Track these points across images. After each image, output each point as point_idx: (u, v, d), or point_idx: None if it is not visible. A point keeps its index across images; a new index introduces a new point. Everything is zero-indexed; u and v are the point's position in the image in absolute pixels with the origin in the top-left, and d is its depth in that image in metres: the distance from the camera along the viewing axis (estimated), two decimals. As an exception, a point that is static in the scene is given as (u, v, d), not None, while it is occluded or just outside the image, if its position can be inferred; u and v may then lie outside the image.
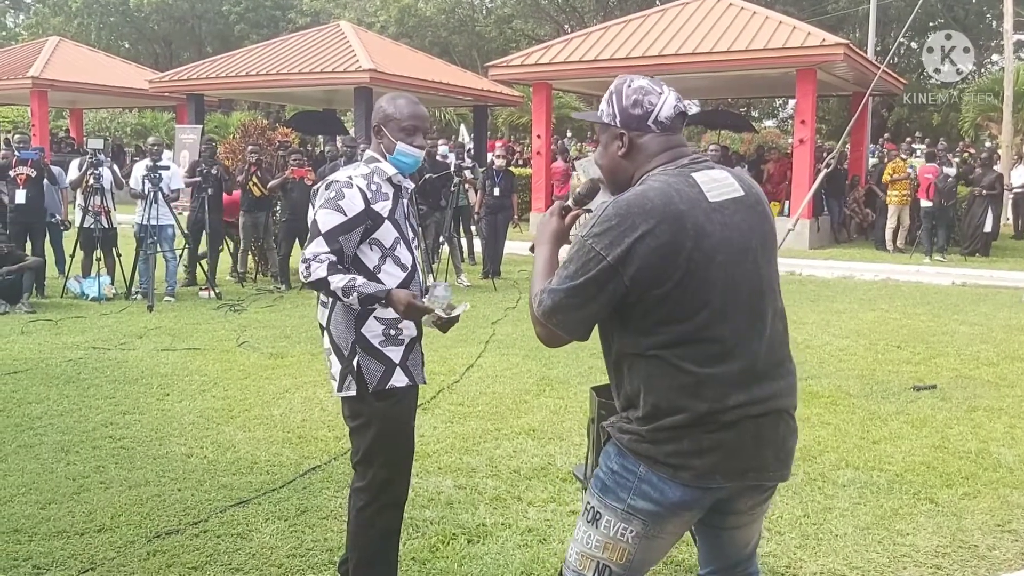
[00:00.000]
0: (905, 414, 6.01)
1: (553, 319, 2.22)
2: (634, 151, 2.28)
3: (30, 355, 7.45)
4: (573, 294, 2.16)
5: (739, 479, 2.23)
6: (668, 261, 2.11)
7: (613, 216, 2.14)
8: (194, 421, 5.70)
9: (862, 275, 13.29)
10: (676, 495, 2.20)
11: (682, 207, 2.13)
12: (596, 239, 2.14)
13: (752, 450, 2.21)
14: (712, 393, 2.16)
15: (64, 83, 23.97)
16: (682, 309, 2.14)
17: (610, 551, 2.27)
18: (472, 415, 5.87)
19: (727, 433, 2.18)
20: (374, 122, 3.19)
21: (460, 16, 40.44)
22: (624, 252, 2.11)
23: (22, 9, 50.58)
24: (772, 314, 2.27)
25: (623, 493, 2.24)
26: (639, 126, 2.27)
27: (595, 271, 2.13)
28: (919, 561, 3.86)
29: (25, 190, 10.44)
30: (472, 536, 4.01)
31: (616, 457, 2.28)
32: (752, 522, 2.43)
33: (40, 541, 3.91)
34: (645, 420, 2.21)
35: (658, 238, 2.10)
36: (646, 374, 2.20)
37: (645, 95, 2.28)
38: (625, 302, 2.17)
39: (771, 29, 16.63)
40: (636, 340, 2.21)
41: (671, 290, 2.12)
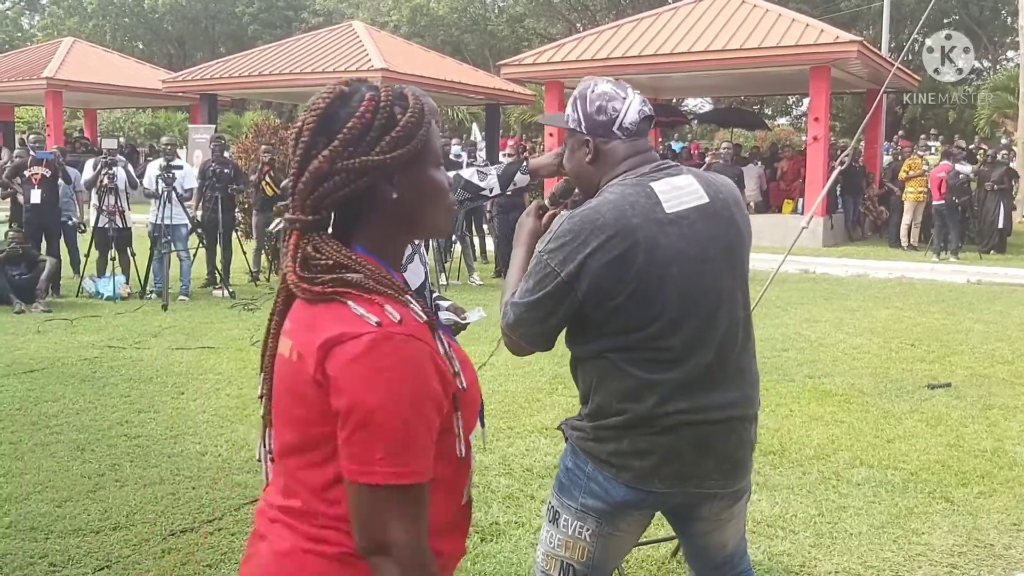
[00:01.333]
0: (919, 412, 5.98)
1: (515, 332, 2.27)
2: (600, 157, 2.27)
3: (46, 354, 7.50)
4: (532, 308, 2.19)
5: (680, 485, 2.22)
6: (619, 275, 2.12)
7: (567, 232, 2.15)
8: (208, 419, 5.73)
9: (876, 273, 13.23)
10: (620, 494, 2.21)
11: (635, 220, 2.12)
12: (551, 255, 2.16)
13: (692, 457, 2.20)
14: (653, 398, 2.16)
15: (78, 83, 24.12)
16: (633, 320, 2.15)
17: (571, 550, 2.30)
18: (485, 413, 5.86)
19: (665, 437, 2.17)
20: None
21: (472, 15, 40.46)
22: (576, 268, 2.12)
23: (37, 10, 50.92)
24: (729, 324, 2.23)
25: (576, 491, 2.27)
26: (604, 132, 2.25)
27: (550, 287, 2.15)
28: (934, 560, 3.84)
29: (40, 190, 10.50)
30: (485, 534, 4.01)
31: (570, 456, 2.31)
32: (720, 528, 2.40)
33: (56, 539, 3.94)
34: (590, 418, 2.25)
35: (608, 252, 2.11)
36: (594, 375, 2.23)
37: (609, 101, 2.25)
38: (580, 313, 2.18)
39: (784, 26, 16.57)
40: (587, 345, 2.23)
41: (623, 303, 2.13)
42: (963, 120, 31.15)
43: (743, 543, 2.53)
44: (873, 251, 16.06)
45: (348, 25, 23.95)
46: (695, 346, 2.18)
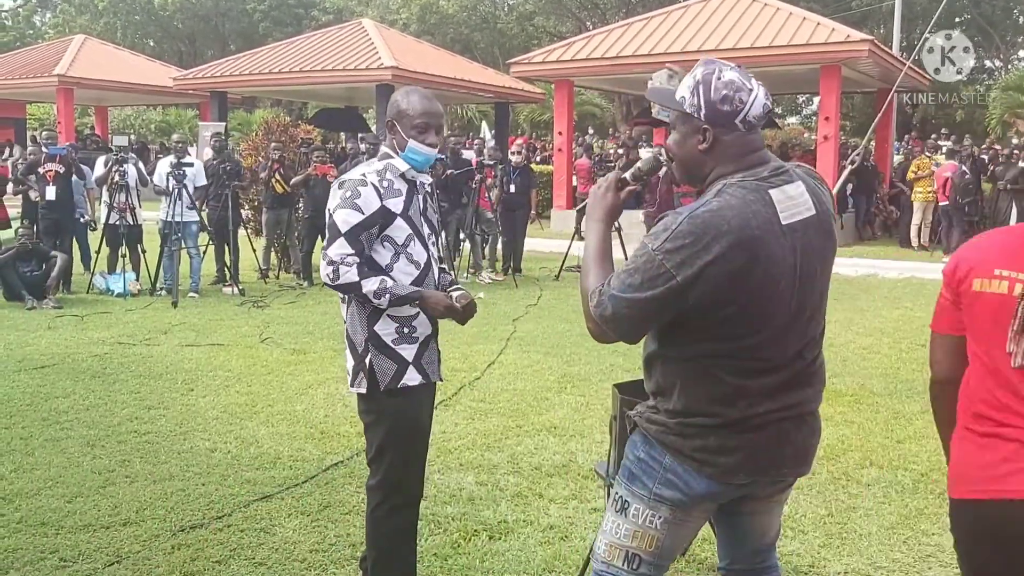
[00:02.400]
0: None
1: (611, 325, 2.17)
2: (716, 148, 2.17)
3: (57, 350, 7.53)
4: (636, 307, 2.11)
5: (761, 475, 2.27)
6: (736, 287, 2.08)
7: (688, 234, 2.06)
8: (218, 416, 5.74)
9: (886, 273, 13.18)
10: (701, 487, 2.23)
11: (757, 232, 2.07)
12: (668, 256, 2.06)
13: (774, 449, 2.24)
14: (745, 403, 2.18)
15: (90, 81, 24.21)
16: (739, 330, 2.14)
17: (639, 539, 2.29)
18: (493, 412, 5.88)
19: (752, 435, 2.20)
20: (388, 117, 3.14)
21: (482, 13, 40.47)
22: (695, 275, 2.05)
23: (48, 8, 51.11)
24: (817, 332, 2.29)
25: (649, 481, 2.27)
26: (725, 123, 2.15)
27: (662, 289, 2.07)
28: (944, 561, 3.82)
29: (55, 187, 10.55)
30: (494, 532, 4.01)
31: (643, 446, 2.30)
32: (769, 511, 2.44)
33: (66, 534, 3.96)
34: (674, 415, 2.23)
35: (730, 263, 2.05)
36: (683, 376, 2.21)
37: (736, 91, 2.14)
38: (683, 316, 2.15)
39: (795, 25, 16.53)
40: (679, 347, 2.21)
41: (732, 313, 2.11)
42: (974, 120, 31.02)
43: (776, 538, 2.55)
44: (883, 251, 16.00)
45: (358, 23, 23.98)
46: (789, 356, 2.20)
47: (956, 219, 15.01)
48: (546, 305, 10.04)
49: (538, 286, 11.56)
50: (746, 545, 2.50)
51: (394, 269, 3.07)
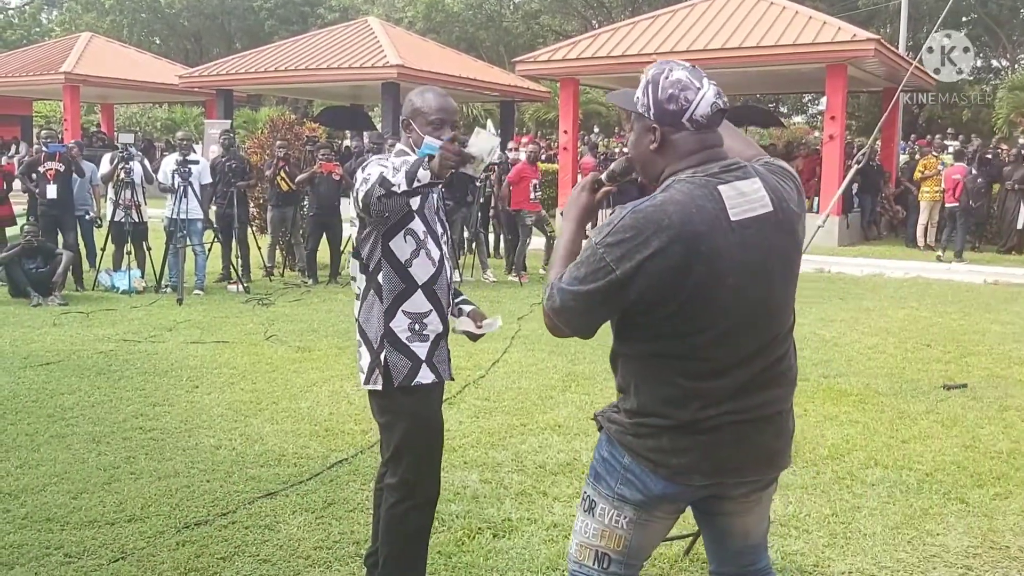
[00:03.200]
0: (935, 413, 5.95)
1: (559, 317, 2.22)
2: (666, 147, 2.18)
3: (62, 347, 7.55)
4: (579, 299, 2.15)
5: (719, 477, 2.23)
6: (677, 282, 2.07)
7: (629, 228, 2.08)
8: (223, 413, 5.75)
9: (892, 273, 13.16)
10: (658, 487, 2.22)
11: (700, 228, 2.06)
12: (608, 249, 2.09)
13: (731, 452, 2.20)
14: (697, 404, 2.15)
15: (96, 78, 24.27)
16: (684, 328, 2.13)
17: (607, 539, 2.30)
18: (498, 410, 5.88)
19: (707, 436, 2.17)
20: (403, 115, 3.16)
21: (487, 11, 40.46)
22: (633, 268, 2.07)
23: (55, 6, 51.21)
24: (778, 334, 2.23)
25: (612, 481, 2.27)
26: (673, 122, 2.16)
27: (603, 282, 2.09)
28: (949, 562, 3.81)
29: (55, 185, 10.57)
30: (498, 530, 4.01)
31: (606, 445, 2.31)
32: (747, 511, 2.37)
33: (72, 530, 3.97)
34: (631, 414, 2.24)
35: (669, 258, 2.05)
36: (638, 375, 2.22)
37: (682, 90, 2.14)
38: (631, 311, 2.16)
39: (801, 24, 16.49)
40: (633, 344, 2.22)
41: (675, 311, 2.11)
42: (980, 120, 30.94)
43: (764, 540, 2.51)
44: (889, 251, 15.98)
45: (364, 21, 24.01)
46: (744, 357, 2.16)
47: (963, 221, 14.94)
48: (551, 304, 10.02)
49: (542, 285, 11.54)
50: (728, 547, 2.46)
51: (413, 264, 3.06)
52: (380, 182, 2.80)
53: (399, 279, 3.06)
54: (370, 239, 3.06)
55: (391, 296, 3.07)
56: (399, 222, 3.03)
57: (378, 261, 3.05)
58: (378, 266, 3.06)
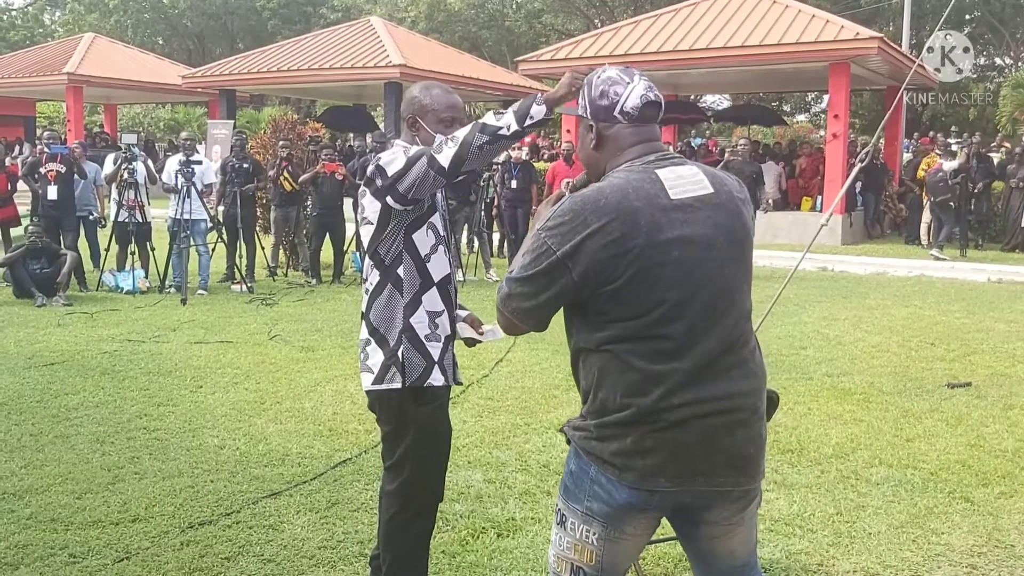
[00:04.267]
0: (939, 412, 5.94)
1: (508, 306, 2.24)
2: (603, 143, 2.26)
3: (66, 347, 7.56)
4: (524, 284, 2.18)
5: (688, 483, 2.16)
6: (618, 258, 2.09)
7: (568, 212, 2.13)
8: (227, 413, 5.76)
9: (895, 271, 13.14)
10: (623, 497, 2.16)
11: (636, 204, 2.11)
12: (548, 233, 2.14)
13: (699, 453, 2.14)
14: (658, 390, 2.11)
15: (99, 79, 24.31)
16: (633, 306, 2.12)
17: (579, 552, 2.26)
18: (501, 410, 5.88)
19: (672, 433, 2.12)
20: (408, 113, 3.07)
21: (490, 11, 40.47)
22: (573, 248, 2.10)
23: (58, 6, 51.27)
24: (734, 313, 2.20)
25: (580, 495, 2.23)
26: (606, 117, 2.24)
27: (545, 264, 2.14)
28: (954, 560, 3.81)
29: (56, 186, 10.59)
30: (502, 530, 4.01)
31: (573, 459, 2.27)
32: (731, 533, 2.31)
33: (76, 530, 3.97)
34: (594, 415, 2.21)
35: (608, 235, 2.08)
36: (598, 369, 2.19)
37: (611, 85, 2.24)
38: (578, 297, 2.16)
39: (804, 23, 16.48)
40: (589, 335, 2.20)
41: (621, 287, 2.10)
42: (984, 118, 30.88)
43: (753, 557, 2.43)
44: (892, 249, 15.96)
45: (366, 21, 24.01)
46: (699, 335, 2.13)
47: (944, 216, 14.81)
48: (554, 303, 10.02)
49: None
50: (716, 569, 2.40)
51: (432, 260, 3.01)
52: (480, 129, 2.72)
53: (417, 273, 2.98)
54: (393, 235, 2.96)
55: (412, 291, 2.98)
56: (422, 215, 2.97)
57: (398, 254, 2.96)
58: (398, 259, 2.96)
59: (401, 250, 2.96)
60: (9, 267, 9.88)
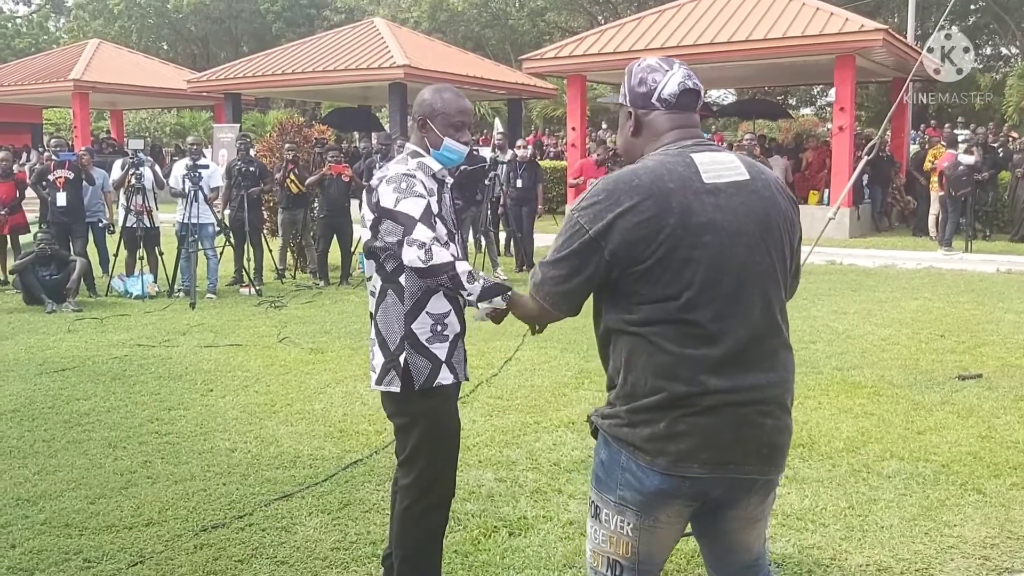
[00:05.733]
0: (950, 404, 5.92)
1: (540, 291, 2.26)
2: (641, 129, 2.30)
3: (77, 353, 7.59)
4: (557, 266, 2.20)
5: (719, 470, 2.16)
6: (649, 238, 2.10)
7: (600, 191, 2.17)
8: (237, 416, 5.77)
9: (904, 263, 13.10)
10: (654, 483, 2.16)
11: (670, 185, 2.12)
12: (581, 213, 2.17)
13: (731, 440, 2.15)
14: (689, 374, 2.12)
15: (105, 85, 24.38)
16: (663, 287, 2.12)
17: (615, 545, 2.26)
18: (511, 408, 5.88)
19: (704, 419, 2.13)
20: (418, 115, 3.11)
21: (493, 10, 40.47)
22: (605, 226, 2.12)
23: (63, 13, 51.44)
24: (764, 302, 2.19)
25: (612, 484, 2.23)
26: (644, 104, 2.28)
27: (577, 244, 2.16)
28: (967, 552, 3.80)
29: (65, 193, 10.64)
30: (514, 529, 4.02)
31: (603, 448, 2.27)
32: (752, 526, 2.34)
33: (90, 535, 3.99)
34: (624, 400, 2.20)
35: (641, 214, 2.10)
36: (627, 352, 2.19)
37: (650, 73, 2.28)
38: (609, 278, 2.17)
39: (808, 15, 16.42)
40: (619, 316, 2.20)
41: (652, 266, 2.11)
42: (991, 108, 30.73)
43: (765, 552, 2.46)
44: (900, 241, 15.91)
45: (370, 22, 24.03)
46: (729, 321, 2.13)
47: (953, 210, 14.68)
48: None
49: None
50: (732, 563, 2.41)
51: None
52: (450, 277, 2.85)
53: (423, 280, 3.01)
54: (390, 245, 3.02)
55: (413, 298, 3.04)
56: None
57: (399, 263, 3.00)
58: (399, 267, 3.01)
59: (401, 260, 2.99)
60: (19, 274, 9.93)
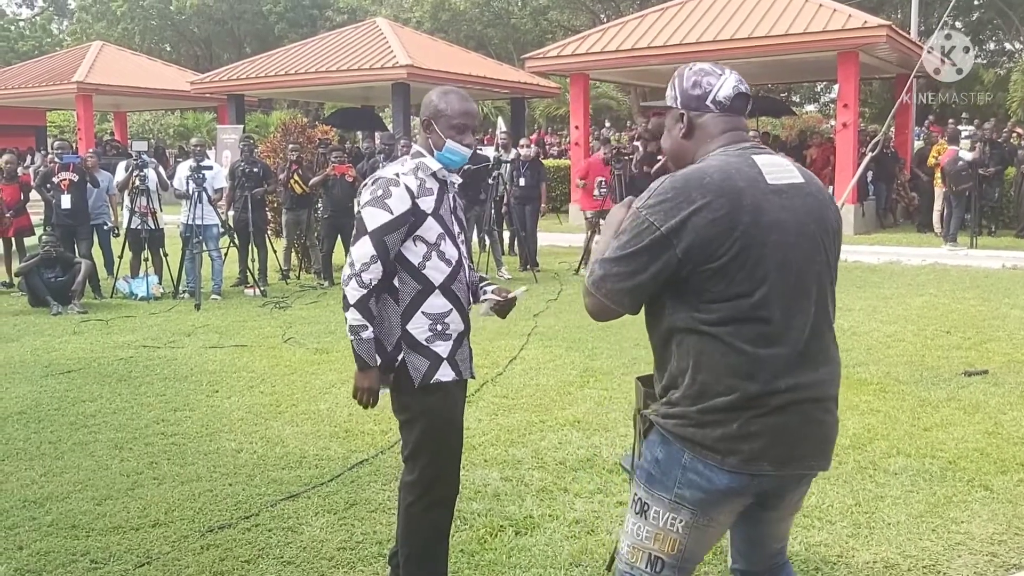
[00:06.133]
0: (956, 400, 5.91)
1: (602, 288, 2.21)
2: (694, 131, 2.30)
3: (83, 355, 7.60)
4: (623, 262, 2.17)
5: (787, 466, 2.21)
6: (723, 235, 2.10)
7: (669, 189, 2.15)
8: (243, 417, 5.78)
9: (909, 260, 13.07)
10: (723, 482, 2.18)
11: (741, 184, 2.14)
12: (650, 210, 2.15)
13: (798, 437, 2.20)
14: (764, 375, 2.14)
15: (108, 87, 24.41)
16: (737, 285, 2.13)
17: (660, 542, 2.26)
18: (516, 407, 5.88)
19: (775, 418, 2.16)
20: (424, 116, 3.15)
21: (495, 9, 40.43)
22: (678, 224, 2.11)
23: (65, 16, 51.52)
24: (820, 299, 2.24)
25: (669, 483, 2.23)
26: (698, 106, 2.29)
27: (647, 241, 2.13)
28: (974, 549, 3.79)
29: (70, 195, 10.66)
30: (520, 528, 4.02)
31: (660, 446, 2.26)
32: (790, 515, 2.44)
33: (97, 536, 4.00)
34: (693, 400, 2.18)
35: (715, 211, 2.10)
36: (697, 351, 2.17)
37: (704, 76, 2.30)
38: (678, 276, 2.15)
39: (811, 12, 16.39)
40: (689, 316, 2.18)
41: (726, 264, 2.11)
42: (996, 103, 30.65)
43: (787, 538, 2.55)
44: (905, 237, 15.87)
45: (372, 22, 24.03)
46: (795, 319, 2.18)
47: (956, 205, 14.64)
48: (566, 300, 10.04)
49: (557, 280, 11.56)
50: (765, 550, 2.46)
51: (426, 267, 3.08)
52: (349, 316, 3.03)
53: (415, 281, 3.07)
54: None
55: (407, 298, 3.08)
56: (407, 230, 3.05)
57: (392, 265, 3.05)
58: (392, 270, 3.06)
59: (393, 262, 3.05)
60: (24, 276, 9.94)
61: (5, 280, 11.50)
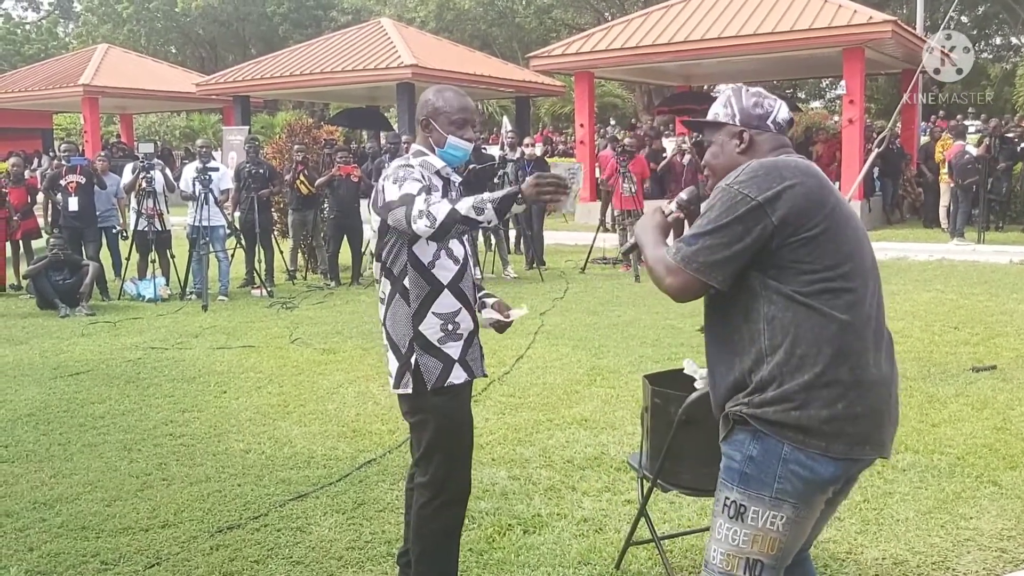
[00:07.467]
0: (965, 396, 5.89)
1: (693, 263, 2.19)
2: (752, 148, 2.39)
3: (91, 356, 7.63)
4: (718, 235, 2.18)
5: (879, 450, 2.26)
6: (816, 208, 2.19)
7: (759, 168, 2.23)
8: (251, 417, 5.80)
9: (916, 255, 13.04)
10: (829, 471, 2.18)
11: (818, 173, 2.28)
12: (743, 184, 2.21)
13: (886, 420, 2.27)
14: (860, 345, 2.20)
15: (114, 89, 24.48)
16: (828, 257, 2.19)
17: (760, 543, 2.22)
18: (524, 406, 5.89)
19: (871, 397, 2.21)
20: (421, 116, 3.14)
21: (499, 8, 40.38)
22: (774, 195, 2.18)
23: (71, 19, 51.66)
24: (878, 292, 2.35)
25: (768, 479, 2.19)
26: (759, 124, 2.40)
27: (743, 211, 2.18)
28: (983, 545, 3.79)
29: (77, 197, 10.69)
30: (528, 526, 4.02)
31: (753, 443, 2.21)
32: (840, 503, 2.46)
33: (107, 538, 4.01)
34: (792, 373, 2.16)
35: (807, 187, 2.21)
36: (795, 324, 2.17)
37: (764, 98, 2.43)
38: (769, 247, 2.17)
39: (816, 8, 16.35)
40: (784, 288, 2.19)
41: (818, 235, 2.18)
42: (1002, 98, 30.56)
43: None
44: (912, 233, 15.82)
45: (376, 23, 24.04)
46: (871, 299, 2.27)
47: (963, 200, 14.57)
48: (573, 298, 10.03)
49: (564, 279, 11.55)
50: (809, 540, 2.47)
51: (436, 266, 3.07)
52: (460, 220, 2.76)
53: (424, 281, 3.07)
54: (395, 246, 3.07)
55: (418, 300, 3.07)
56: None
57: (404, 265, 3.06)
58: (404, 270, 3.06)
59: (405, 261, 3.06)
60: (33, 279, 9.99)
61: (13, 283, 11.55)
